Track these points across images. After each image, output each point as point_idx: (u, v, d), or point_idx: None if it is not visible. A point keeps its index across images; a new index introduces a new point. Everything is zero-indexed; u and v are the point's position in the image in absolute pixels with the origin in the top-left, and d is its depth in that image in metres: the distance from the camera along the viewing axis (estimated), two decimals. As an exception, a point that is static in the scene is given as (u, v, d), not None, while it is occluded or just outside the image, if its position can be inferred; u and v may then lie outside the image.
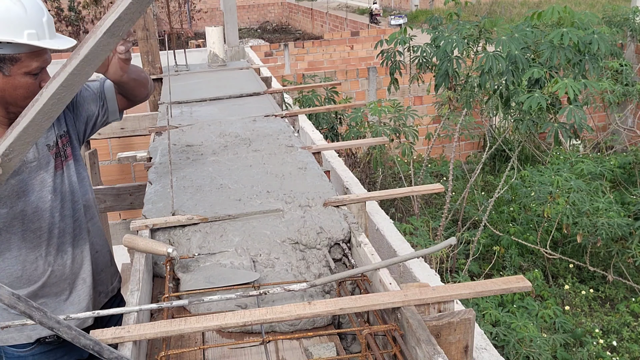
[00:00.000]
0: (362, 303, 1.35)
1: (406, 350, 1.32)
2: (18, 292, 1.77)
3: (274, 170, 2.26)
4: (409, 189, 2.11)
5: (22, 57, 1.72)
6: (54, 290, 1.98)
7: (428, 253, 1.57)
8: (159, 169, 2.32)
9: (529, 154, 7.98)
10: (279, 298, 1.66)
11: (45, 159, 1.91)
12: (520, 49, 4.35)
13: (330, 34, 14.38)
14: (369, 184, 7.21)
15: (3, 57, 1.69)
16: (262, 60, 9.54)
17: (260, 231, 1.84)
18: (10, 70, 1.72)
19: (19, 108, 1.73)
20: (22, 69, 1.73)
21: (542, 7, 4.74)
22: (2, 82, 1.73)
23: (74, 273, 2.02)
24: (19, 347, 1.97)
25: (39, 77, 1.78)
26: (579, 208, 5.11)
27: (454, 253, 5.41)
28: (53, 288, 1.97)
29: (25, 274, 1.91)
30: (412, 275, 2.73)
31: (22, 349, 1.98)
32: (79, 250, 2.03)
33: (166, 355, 1.34)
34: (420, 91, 8.25)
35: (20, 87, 1.74)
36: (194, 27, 18.60)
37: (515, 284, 1.39)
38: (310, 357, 1.48)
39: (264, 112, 3.01)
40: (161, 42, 4.97)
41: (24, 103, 1.70)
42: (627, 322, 4.84)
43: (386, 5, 22.25)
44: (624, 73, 7.64)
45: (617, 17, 8.52)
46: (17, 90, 1.75)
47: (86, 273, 2.05)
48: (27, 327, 1.91)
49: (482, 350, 2.22)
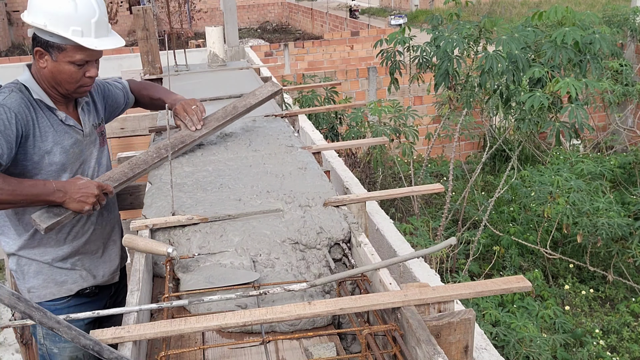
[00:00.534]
0: (362, 303, 1.35)
1: (406, 350, 1.32)
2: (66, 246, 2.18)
3: (274, 170, 2.25)
4: (409, 189, 2.11)
5: (68, 48, 2.01)
6: (92, 248, 2.27)
7: (428, 253, 1.57)
8: (158, 168, 2.32)
9: (529, 154, 7.98)
10: (279, 298, 1.66)
11: (94, 135, 2.28)
12: (520, 48, 4.34)
13: (330, 34, 14.37)
14: (369, 184, 7.21)
15: (52, 44, 2.00)
16: (262, 60, 9.53)
17: (260, 231, 1.84)
18: (57, 56, 2.02)
19: (64, 90, 2.08)
20: (66, 58, 2.02)
21: (542, 7, 4.74)
22: (51, 65, 2.04)
23: (107, 233, 2.33)
24: (55, 300, 2.21)
25: (83, 68, 2.07)
26: (579, 208, 5.11)
27: (454, 253, 5.41)
28: (92, 246, 2.27)
29: (74, 230, 2.20)
30: (412, 275, 2.73)
31: (58, 302, 2.22)
32: (112, 215, 2.37)
33: (166, 355, 1.34)
34: (420, 91, 8.24)
35: (64, 72, 2.04)
36: (194, 27, 18.60)
37: (516, 284, 1.39)
38: (310, 357, 1.48)
39: (264, 112, 3.01)
40: (161, 42, 4.97)
41: (67, 86, 2.07)
42: (627, 322, 4.84)
43: (386, 5, 22.25)
44: (624, 73, 7.64)
45: (616, 17, 8.52)
46: (61, 74, 2.04)
47: (116, 235, 2.38)
48: (67, 280, 2.21)
49: (482, 350, 2.22)
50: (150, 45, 4.24)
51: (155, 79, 4.30)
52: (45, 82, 2.08)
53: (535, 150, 7.87)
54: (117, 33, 2.23)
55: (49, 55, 2.02)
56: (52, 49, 2.01)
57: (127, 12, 19.49)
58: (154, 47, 4.27)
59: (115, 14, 18.77)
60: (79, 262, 2.25)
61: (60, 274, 2.20)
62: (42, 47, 2.02)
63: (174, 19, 16.72)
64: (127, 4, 19.91)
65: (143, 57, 4.28)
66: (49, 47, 2.01)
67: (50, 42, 2.00)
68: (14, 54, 16.69)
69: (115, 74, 8.43)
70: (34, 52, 2.05)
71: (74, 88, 2.08)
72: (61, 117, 2.12)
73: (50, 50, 2.01)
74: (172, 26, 4.76)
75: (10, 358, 4.20)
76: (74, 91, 2.10)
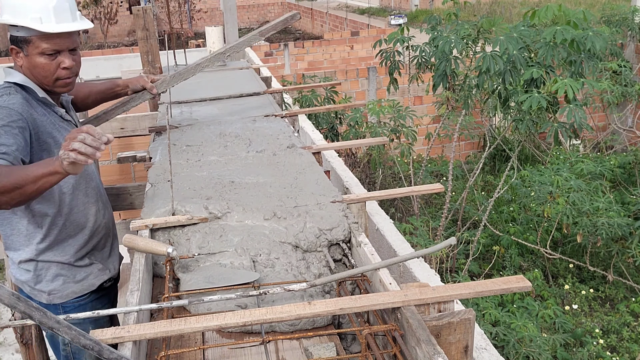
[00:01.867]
0: (362, 303, 1.35)
1: (406, 350, 1.32)
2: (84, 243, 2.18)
3: (274, 170, 2.25)
4: (409, 189, 2.11)
5: (33, 39, 1.98)
6: (102, 243, 2.29)
7: (428, 253, 1.57)
8: (158, 169, 2.32)
9: (529, 154, 7.97)
10: (279, 298, 1.66)
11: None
12: (518, 48, 4.33)
13: (330, 34, 14.36)
14: (369, 184, 7.20)
15: (20, 38, 1.98)
16: (262, 60, 9.53)
17: (260, 231, 1.84)
18: (28, 50, 2.00)
19: (46, 86, 2.05)
20: (35, 50, 1.99)
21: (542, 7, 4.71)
22: (25, 61, 2.02)
23: (110, 228, 2.36)
24: (78, 297, 2.21)
25: (57, 60, 2.02)
26: (579, 208, 5.11)
27: (454, 253, 5.41)
28: (102, 240, 2.29)
29: (88, 225, 2.20)
30: (412, 275, 2.73)
31: (81, 299, 2.22)
32: (109, 210, 2.39)
33: (166, 355, 1.34)
34: (420, 91, 8.24)
35: (37, 66, 2.00)
36: (194, 27, 18.60)
37: (515, 284, 1.39)
38: (310, 357, 1.48)
39: (264, 112, 3.01)
40: (161, 42, 4.97)
41: (44, 81, 2.03)
42: (627, 322, 4.84)
43: (386, 5, 22.24)
44: (623, 73, 7.63)
45: (616, 17, 8.51)
46: (35, 68, 2.01)
47: (115, 229, 2.41)
48: (88, 276, 2.22)
49: (482, 350, 2.22)
50: (150, 45, 4.24)
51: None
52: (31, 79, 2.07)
53: (535, 150, 7.86)
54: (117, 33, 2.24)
55: (22, 52, 2.01)
56: (22, 44, 2.00)
57: (127, 12, 19.49)
58: (154, 47, 4.27)
59: (115, 14, 18.77)
60: (94, 257, 2.27)
61: (81, 271, 2.21)
62: (14, 44, 2.01)
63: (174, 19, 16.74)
64: (127, 4, 19.92)
65: (143, 57, 4.28)
66: (18, 42, 2.00)
67: (19, 37, 1.99)
68: (13, 54, 16.65)
69: (116, 74, 8.43)
70: (10, 51, 2.04)
71: (52, 82, 2.05)
72: (60, 112, 2.12)
73: (21, 46, 2.00)
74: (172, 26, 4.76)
75: (10, 358, 4.20)
76: (53, 85, 2.06)
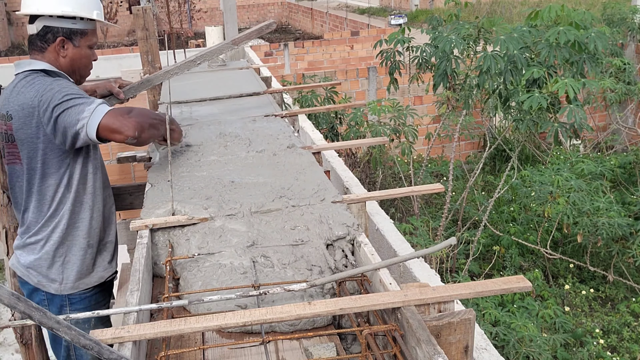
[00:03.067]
0: (362, 303, 1.35)
1: (406, 351, 1.32)
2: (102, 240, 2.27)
3: (274, 170, 2.25)
4: (409, 189, 2.10)
5: (89, 32, 2.21)
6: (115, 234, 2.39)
7: (428, 253, 1.57)
8: (158, 169, 2.32)
9: (529, 154, 7.97)
10: (279, 298, 1.65)
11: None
12: (519, 48, 4.33)
13: (330, 34, 14.36)
14: (369, 184, 7.20)
15: (76, 30, 2.17)
16: (262, 60, 9.53)
17: (260, 231, 1.84)
18: (80, 42, 2.19)
19: (80, 76, 2.26)
20: (87, 42, 2.21)
21: (542, 7, 4.71)
22: (72, 52, 2.18)
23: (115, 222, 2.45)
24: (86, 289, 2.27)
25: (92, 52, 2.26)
26: (580, 208, 5.11)
27: (454, 253, 5.41)
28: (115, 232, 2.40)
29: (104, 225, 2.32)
30: (412, 275, 2.73)
31: (87, 291, 2.27)
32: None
33: (166, 355, 1.34)
34: (420, 91, 8.24)
35: (84, 57, 2.22)
36: (194, 27, 18.60)
37: (516, 284, 1.39)
38: (310, 357, 1.48)
39: (264, 112, 3.01)
40: (161, 42, 4.97)
41: (83, 71, 2.25)
42: (627, 322, 4.84)
43: (386, 5, 22.24)
44: (627, 71, 7.61)
45: (616, 17, 8.51)
46: (82, 59, 2.22)
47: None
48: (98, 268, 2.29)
49: (482, 350, 2.22)
50: (150, 45, 4.24)
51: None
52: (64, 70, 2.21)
53: (535, 150, 7.86)
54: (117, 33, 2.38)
55: (71, 43, 2.16)
56: (74, 36, 2.16)
57: (127, 12, 19.50)
58: (154, 47, 4.27)
59: (115, 14, 18.78)
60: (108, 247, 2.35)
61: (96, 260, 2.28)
62: (65, 36, 2.15)
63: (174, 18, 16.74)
64: (127, 4, 19.92)
65: (143, 57, 4.28)
66: (72, 34, 2.15)
67: (74, 29, 2.15)
68: (13, 54, 16.69)
69: (116, 74, 8.43)
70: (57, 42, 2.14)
71: (88, 72, 2.27)
72: None
73: (73, 37, 2.16)
74: (172, 26, 4.76)
75: (10, 358, 4.20)
76: (85, 75, 2.28)
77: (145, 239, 1.79)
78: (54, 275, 2.20)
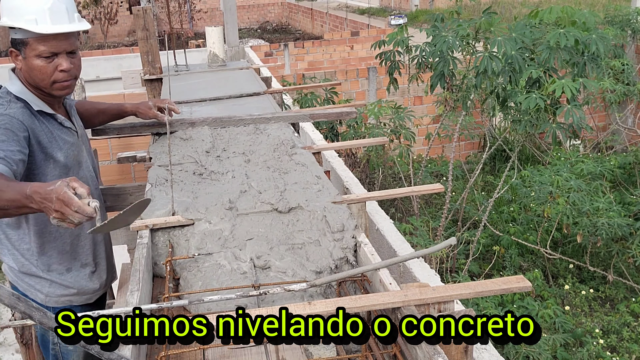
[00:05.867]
0: (362, 303, 1.35)
1: (406, 351, 1.32)
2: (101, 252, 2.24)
3: (274, 170, 2.25)
4: (409, 189, 2.11)
5: (30, 41, 1.97)
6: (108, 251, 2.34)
7: (428, 253, 1.57)
8: (158, 169, 2.32)
9: (529, 154, 7.97)
10: (279, 298, 1.66)
11: (85, 137, 2.26)
12: (517, 49, 4.32)
13: (330, 34, 14.36)
14: (369, 184, 7.20)
15: (18, 40, 1.98)
16: (262, 60, 9.53)
17: (259, 231, 1.84)
18: (25, 52, 1.99)
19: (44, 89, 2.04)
20: (32, 52, 1.98)
21: (542, 7, 4.69)
22: (23, 63, 2.01)
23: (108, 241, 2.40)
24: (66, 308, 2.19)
25: (54, 62, 2.00)
26: (579, 208, 5.11)
27: (454, 253, 5.41)
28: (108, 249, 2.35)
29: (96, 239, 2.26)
30: (412, 275, 2.73)
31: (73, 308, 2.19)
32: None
33: (166, 355, 1.34)
34: (419, 91, 8.24)
35: (34, 68, 1.99)
36: (194, 27, 18.60)
37: (516, 284, 1.39)
38: (310, 357, 1.48)
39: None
40: (161, 42, 4.97)
41: (42, 84, 2.02)
42: (627, 322, 4.84)
43: (386, 5, 22.24)
44: (626, 72, 7.62)
45: (618, 17, 8.51)
46: (33, 71, 2.00)
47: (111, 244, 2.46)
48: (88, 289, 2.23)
49: (482, 350, 2.22)
50: (150, 45, 4.24)
51: (155, 79, 4.30)
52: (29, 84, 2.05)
53: (535, 150, 7.86)
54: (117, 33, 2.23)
55: (20, 54, 2.01)
56: (19, 46, 2.00)
57: (127, 12, 19.50)
58: (154, 47, 4.27)
59: (115, 14, 18.77)
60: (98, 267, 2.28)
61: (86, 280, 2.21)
62: (13, 47, 2.03)
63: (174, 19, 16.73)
64: (127, 4, 19.92)
65: (143, 57, 4.28)
66: (17, 44, 2.01)
67: (17, 40, 1.99)
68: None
69: (116, 74, 8.43)
70: (9, 53, 2.05)
71: (49, 84, 2.02)
72: (60, 119, 2.11)
73: (19, 48, 2.00)
74: (172, 26, 4.76)
75: (10, 358, 4.20)
76: (51, 88, 2.04)
77: (145, 239, 1.79)
78: (38, 286, 2.16)
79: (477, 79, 4.48)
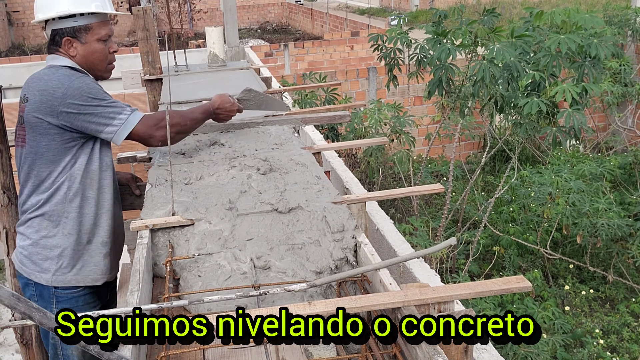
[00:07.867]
0: (362, 303, 1.35)
1: (406, 351, 1.32)
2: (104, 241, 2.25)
3: (274, 170, 2.25)
4: (409, 189, 2.11)
5: (93, 25, 2.20)
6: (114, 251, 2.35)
7: (428, 253, 1.57)
8: (158, 169, 2.32)
9: (530, 155, 7.97)
10: (278, 298, 1.66)
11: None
12: (518, 54, 4.29)
13: (330, 34, 14.36)
14: (369, 184, 7.20)
15: (79, 27, 2.17)
16: (262, 60, 9.53)
17: (259, 231, 1.84)
18: (86, 38, 2.19)
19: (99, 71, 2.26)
20: (94, 36, 2.20)
21: (542, 7, 4.69)
22: (81, 49, 2.19)
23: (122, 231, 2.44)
24: (71, 288, 2.22)
25: (108, 44, 2.25)
26: (579, 208, 5.11)
27: (454, 253, 5.41)
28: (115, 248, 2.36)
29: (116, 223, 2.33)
30: (412, 275, 2.73)
31: (73, 291, 2.23)
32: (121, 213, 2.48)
33: (166, 355, 1.34)
34: (420, 91, 8.24)
35: (95, 52, 2.21)
36: (194, 27, 18.60)
37: (515, 284, 1.39)
38: (310, 357, 1.48)
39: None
40: (161, 42, 4.97)
41: (100, 66, 2.25)
42: (627, 322, 4.84)
43: (386, 5, 22.24)
44: (623, 73, 7.61)
45: (617, 18, 8.51)
46: (93, 55, 2.21)
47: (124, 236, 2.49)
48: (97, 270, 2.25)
49: (482, 350, 2.22)
50: (150, 46, 4.24)
51: (155, 79, 4.30)
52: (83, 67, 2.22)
53: (535, 150, 7.86)
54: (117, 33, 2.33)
55: (78, 41, 2.17)
56: (79, 33, 2.17)
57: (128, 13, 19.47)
58: (154, 47, 4.27)
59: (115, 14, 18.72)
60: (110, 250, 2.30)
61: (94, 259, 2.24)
62: (69, 35, 2.17)
63: (174, 19, 16.71)
64: (127, 4, 19.91)
65: (143, 58, 4.28)
66: (75, 32, 2.17)
67: (76, 27, 2.16)
68: (14, 54, 16.67)
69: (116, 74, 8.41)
70: (63, 43, 2.17)
71: (105, 66, 2.26)
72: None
73: (78, 35, 2.17)
74: (172, 26, 4.77)
75: (10, 358, 4.20)
76: (105, 70, 2.27)
77: (145, 239, 1.79)
78: (46, 265, 2.18)
79: (475, 87, 4.47)
